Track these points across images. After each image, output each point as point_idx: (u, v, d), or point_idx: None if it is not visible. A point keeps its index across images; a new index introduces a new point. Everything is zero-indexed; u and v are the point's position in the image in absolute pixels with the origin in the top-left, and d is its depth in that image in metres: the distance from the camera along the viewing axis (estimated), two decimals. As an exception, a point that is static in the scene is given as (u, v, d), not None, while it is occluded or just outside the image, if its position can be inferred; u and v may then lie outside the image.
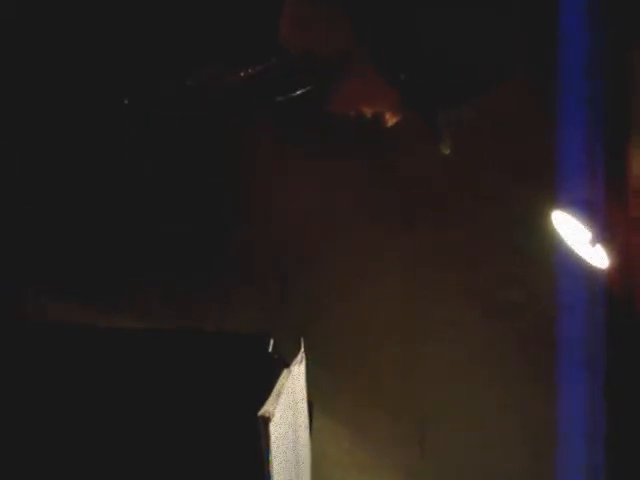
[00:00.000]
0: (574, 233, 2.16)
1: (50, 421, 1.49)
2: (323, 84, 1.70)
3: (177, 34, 1.71)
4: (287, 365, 1.56)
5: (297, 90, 1.74)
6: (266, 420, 1.37)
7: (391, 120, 1.77)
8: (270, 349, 1.49)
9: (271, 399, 1.41)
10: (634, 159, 2.36)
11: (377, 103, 1.72)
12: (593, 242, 2.11)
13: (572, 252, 2.17)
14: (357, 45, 1.64)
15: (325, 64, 1.67)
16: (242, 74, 1.74)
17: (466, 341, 2.40)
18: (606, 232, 2.08)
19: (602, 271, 2.17)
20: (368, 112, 1.73)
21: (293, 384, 1.59)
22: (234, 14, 1.70)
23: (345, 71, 1.68)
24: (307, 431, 1.81)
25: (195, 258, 2.29)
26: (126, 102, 1.73)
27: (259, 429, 1.37)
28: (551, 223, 2.17)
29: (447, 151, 1.78)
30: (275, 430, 1.40)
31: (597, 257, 2.16)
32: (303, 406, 1.74)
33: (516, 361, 2.40)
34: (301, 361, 1.67)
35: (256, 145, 2.30)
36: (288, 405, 1.54)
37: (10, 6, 1.67)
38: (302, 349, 1.67)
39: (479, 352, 2.40)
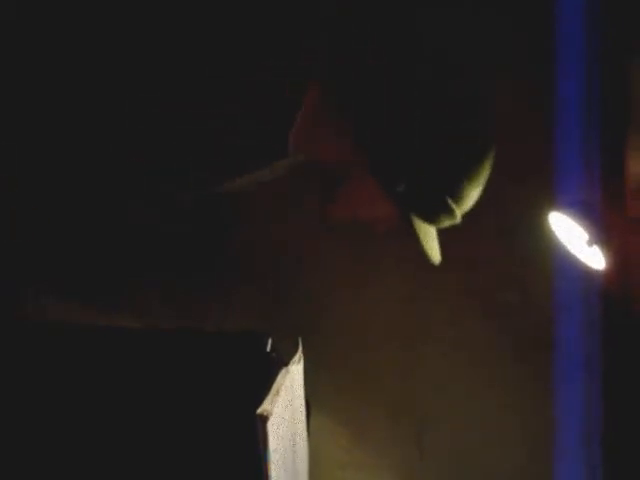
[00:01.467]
0: (572, 234, 2.17)
1: (50, 421, 1.49)
2: (325, 189, 1.79)
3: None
4: (285, 364, 1.57)
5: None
6: (264, 419, 1.37)
7: (384, 228, 1.86)
8: (268, 348, 1.49)
9: (269, 398, 1.42)
10: (632, 160, 2.36)
11: (375, 210, 1.81)
12: (590, 243, 2.12)
13: (570, 253, 2.18)
14: (357, 158, 1.72)
15: (329, 172, 1.76)
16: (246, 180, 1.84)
17: (466, 341, 2.40)
18: (603, 233, 2.09)
19: (599, 272, 2.17)
20: (365, 217, 1.83)
21: (291, 383, 1.60)
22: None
23: (347, 179, 1.76)
24: (305, 430, 1.82)
25: (195, 258, 2.30)
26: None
27: (257, 428, 1.38)
28: (549, 224, 2.18)
29: (437, 261, 1.86)
30: (273, 429, 1.40)
31: (594, 258, 2.16)
32: (301, 405, 1.74)
33: (516, 361, 2.40)
34: (299, 360, 1.68)
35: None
36: (286, 404, 1.54)
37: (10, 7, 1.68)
38: (300, 348, 1.68)
39: (479, 352, 2.40)
